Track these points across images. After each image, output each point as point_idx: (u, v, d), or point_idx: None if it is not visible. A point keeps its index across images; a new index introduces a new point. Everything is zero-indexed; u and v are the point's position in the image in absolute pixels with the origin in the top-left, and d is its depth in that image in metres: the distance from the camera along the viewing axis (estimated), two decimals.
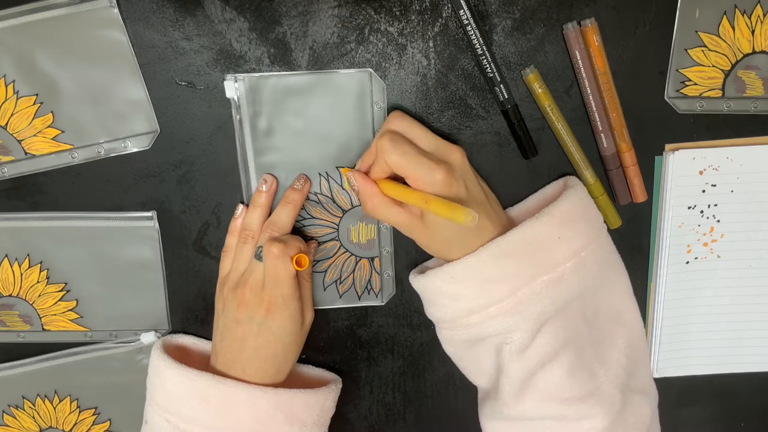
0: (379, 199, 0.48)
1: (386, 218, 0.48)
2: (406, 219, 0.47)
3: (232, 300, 0.50)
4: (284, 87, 0.50)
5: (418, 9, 0.49)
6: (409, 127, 0.47)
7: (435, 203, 0.43)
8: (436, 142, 0.47)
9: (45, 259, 0.54)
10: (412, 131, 0.47)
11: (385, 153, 0.45)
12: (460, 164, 0.47)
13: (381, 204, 0.48)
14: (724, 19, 0.50)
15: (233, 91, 0.50)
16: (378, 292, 0.57)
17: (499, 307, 0.46)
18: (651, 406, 0.52)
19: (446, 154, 0.47)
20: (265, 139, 0.51)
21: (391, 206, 0.47)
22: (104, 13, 0.48)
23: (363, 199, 0.49)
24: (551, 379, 0.47)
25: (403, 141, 0.46)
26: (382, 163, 0.46)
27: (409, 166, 0.45)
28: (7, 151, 0.51)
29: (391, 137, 0.46)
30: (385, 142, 0.46)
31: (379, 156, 0.47)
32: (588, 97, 0.51)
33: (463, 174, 0.47)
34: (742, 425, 0.63)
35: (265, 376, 0.50)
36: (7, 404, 0.58)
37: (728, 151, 0.54)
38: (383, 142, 0.46)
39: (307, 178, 0.52)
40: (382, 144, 0.46)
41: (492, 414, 0.51)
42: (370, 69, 0.50)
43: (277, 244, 0.48)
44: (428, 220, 0.46)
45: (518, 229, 0.47)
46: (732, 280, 0.57)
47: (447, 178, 0.45)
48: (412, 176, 0.45)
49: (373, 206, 0.48)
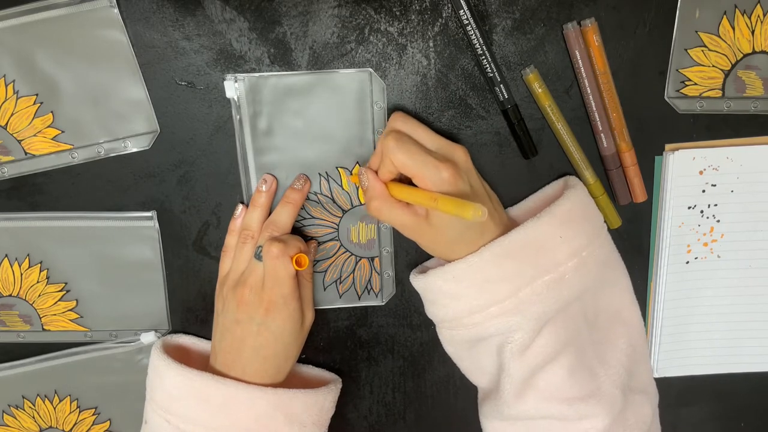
0: (385, 199, 0.47)
1: (391, 219, 0.48)
2: (412, 220, 0.47)
3: (232, 300, 0.50)
4: (284, 87, 0.50)
5: (418, 9, 0.49)
6: (412, 127, 0.47)
7: (443, 201, 0.43)
8: (439, 141, 0.47)
9: (45, 259, 0.54)
10: (416, 131, 0.47)
11: (391, 152, 0.45)
12: (464, 163, 0.47)
13: (386, 204, 0.47)
14: (724, 19, 0.50)
15: (233, 91, 0.50)
16: (378, 292, 0.57)
17: (500, 307, 0.46)
18: (652, 405, 0.52)
19: (450, 153, 0.47)
20: (265, 138, 0.51)
21: (397, 207, 0.47)
22: (104, 13, 0.48)
23: (369, 198, 0.48)
24: (552, 379, 0.47)
25: (408, 140, 0.46)
26: (388, 163, 0.46)
27: (415, 165, 0.45)
28: (7, 151, 0.51)
29: (397, 137, 0.46)
30: (390, 142, 0.46)
31: (384, 156, 0.46)
32: (588, 97, 0.51)
33: (468, 172, 0.47)
34: (742, 425, 0.63)
35: (265, 376, 0.50)
36: (7, 404, 0.58)
37: (728, 151, 0.54)
38: (388, 142, 0.46)
39: (307, 178, 0.52)
40: (387, 144, 0.46)
41: (492, 414, 0.51)
42: (370, 69, 0.50)
43: (276, 244, 0.48)
44: (433, 221, 0.46)
45: (520, 229, 0.47)
46: (732, 280, 0.57)
47: (453, 176, 0.45)
48: (418, 175, 0.45)
49: (379, 206, 0.47)
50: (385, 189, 0.48)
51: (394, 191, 0.47)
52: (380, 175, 0.48)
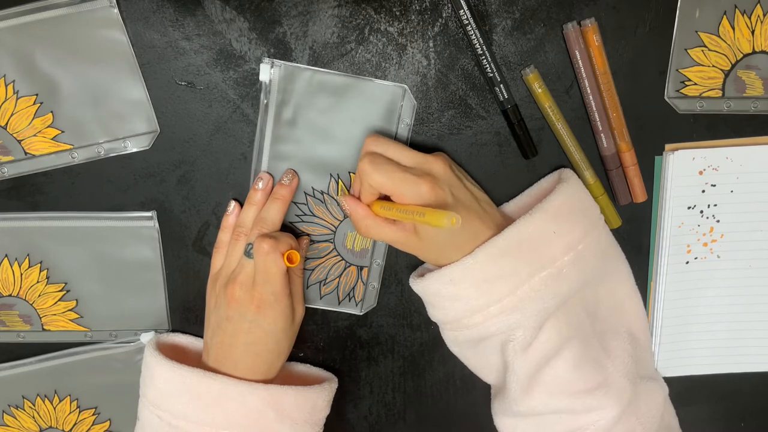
0: (371, 220, 0.48)
1: (381, 237, 0.48)
2: (401, 235, 0.47)
3: (223, 297, 0.50)
4: (318, 83, 0.50)
5: (418, 9, 0.49)
6: (386, 147, 0.48)
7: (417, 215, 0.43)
8: (415, 156, 0.47)
9: (45, 259, 0.54)
10: (390, 150, 0.48)
11: (368, 175, 0.46)
12: (442, 173, 0.47)
13: (373, 225, 0.48)
14: (724, 19, 0.50)
15: (267, 74, 0.50)
16: (359, 301, 0.57)
17: (499, 305, 0.46)
18: (663, 392, 0.53)
19: (428, 166, 0.47)
20: (287, 128, 0.51)
21: (384, 225, 0.48)
22: (104, 13, 0.48)
23: (355, 222, 0.49)
24: (557, 373, 0.47)
25: (383, 160, 0.46)
26: (366, 186, 0.47)
27: (392, 184, 0.45)
28: (7, 151, 0.51)
29: (371, 159, 0.46)
30: (365, 166, 0.46)
31: (363, 180, 0.47)
32: (588, 97, 0.51)
33: (448, 182, 0.47)
34: (742, 425, 0.63)
35: (257, 372, 0.50)
36: (7, 404, 0.58)
37: (728, 151, 0.54)
38: (363, 166, 0.46)
39: (295, 173, 0.52)
40: (363, 168, 0.46)
41: (502, 410, 0.51)
42: (405, 86, 0.50)
43: (267, 240, 0.48)
44: (421, 232, 0.47)
45: (513, 227, 0.47)
46: (732, 280, 0.57)
47: (432, 189, 0.45)
48: (396, 193, 0.45)
49: (367, 227, 0.48)
50: (368, 210, 0.48)
51: (377, 210, 0.48)
52: (362, 198, 0.48)
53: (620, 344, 0.51)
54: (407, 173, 0.45)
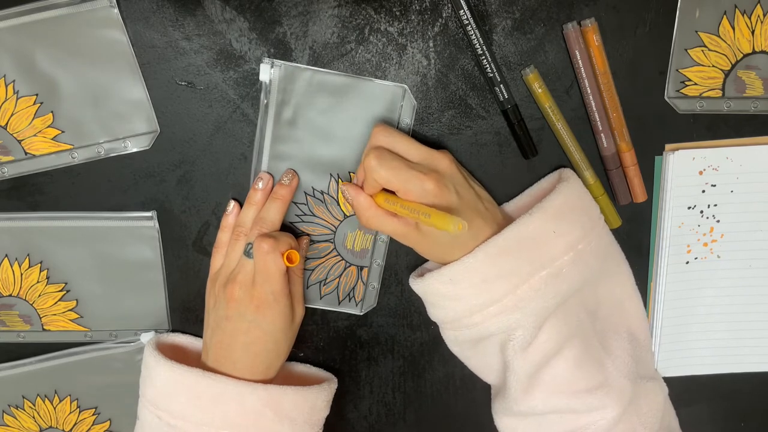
0: (374, 211, 0.48)
1: (382, 229, 0.48)
2: (402, 228, 0.47)
3: (222, 296, 0.50)
4: (318, 83, 0.50)
5: (418, 9, 0.49)
6: (393, 140, 0.47)
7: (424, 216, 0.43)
8: (422, 152, 0.47)
9: (45, 259, 0.54)
10: (398, 144, 0.47)
11: (374, 171, 0.46)
12: (448, 171, 0.47)
13: (375, 216, 0.48)
14: (724, 19, 0.50)
15: (267, 74, 0.50)
16: (359, 301, 0.57)
17: (499, 305, 0.46)
18: (663, 392, 0.53)
19: (434, 163, 0.47)
20: (287, 128, 0.51)
21: (386, 217, 0.48)
22: (104, 13, 0.48)
23: (357, 212, 0.49)
24: (557, 373, 0.47)
25: (389, 156, 0.46)
26: (371, 180, 0.47)
27: (398, 180, 0.45)
28: (7, 151, 0.51)
29: (377, 154, 0.46)
30: (371, 161, 0.46)
31: (367, 174, 0.47)
32: (588, 97, 0.51)
33: (453, 179, 0.47)
34: (742, 425, 0.63)
35: (256, 373, 0.50)
36: (7, 404, 0.58)
37: (728, 151, 0.54)
38: (369, 161, 0.46)
39: (294, 173, 0.52)
40: (369, 163, 0.46)
41: (503, 410, 0.51)
42: (405, 86, 0.50)
43: (267, 240, 0.48)
44: (423, 229, 0.47)
45: (512, 227, 0.47)
46: (732, 280, 0.57)
47: (437, 187, 0.45)
48: (402, 189, 0.45)
49: (368, 218, 0.48)
50: (371, 201, 0.48)
51: (380, 202, 0.48)
52: (366, 189, 0.48)
53: (620, 344, 0.51)
54: (413, 171, 0.45)
